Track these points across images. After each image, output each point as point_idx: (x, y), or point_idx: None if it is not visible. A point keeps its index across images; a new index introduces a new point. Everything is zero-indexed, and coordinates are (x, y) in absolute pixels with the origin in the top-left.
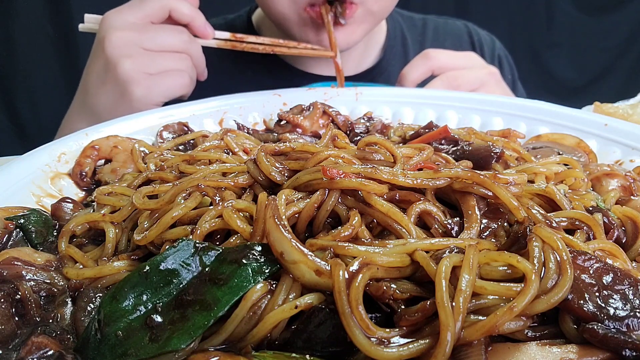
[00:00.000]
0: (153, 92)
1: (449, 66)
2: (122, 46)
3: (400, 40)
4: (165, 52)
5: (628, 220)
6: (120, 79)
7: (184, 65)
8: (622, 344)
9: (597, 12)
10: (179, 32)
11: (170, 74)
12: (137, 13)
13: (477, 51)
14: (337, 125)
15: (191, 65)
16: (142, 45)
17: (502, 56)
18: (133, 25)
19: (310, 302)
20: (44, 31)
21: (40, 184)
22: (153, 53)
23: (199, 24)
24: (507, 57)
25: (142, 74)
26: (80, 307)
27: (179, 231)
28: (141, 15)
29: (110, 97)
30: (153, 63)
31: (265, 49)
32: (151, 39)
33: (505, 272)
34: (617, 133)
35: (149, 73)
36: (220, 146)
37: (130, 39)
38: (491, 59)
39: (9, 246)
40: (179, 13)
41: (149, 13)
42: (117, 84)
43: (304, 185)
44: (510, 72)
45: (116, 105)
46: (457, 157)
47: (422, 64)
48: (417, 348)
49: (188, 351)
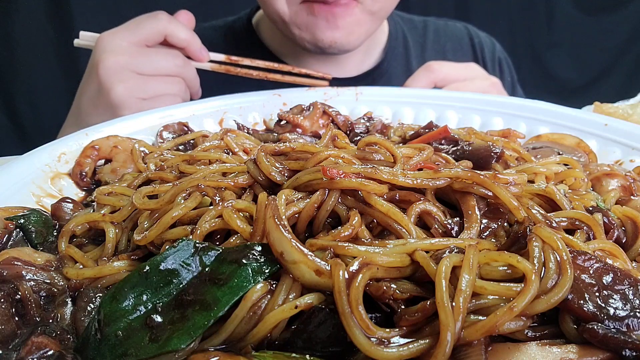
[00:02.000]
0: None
1: (451, 78)
2: (116, 71)
3: (402, 41)
4: (158, 75)
5: (628, 220)
6: (112, 104)
7: (176, 89)
8: (622, 344)
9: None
10: (173, 57)
11: (162, 99)
12: (133, 36)
13: (477, 53)
14: (337, 125)
15: (184, 88)
16: (136, 70)
17: (502, 59)
18: (127, 49)
19: (310, 302)
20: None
21: (40, 184)
22: (146, 77)
23: (194, 49)
24: (507, 60)
25: (134, 99)
26: (80, 307)
27: (179, 231)
28: (136, 39)
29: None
30: (146, 87)
31: (259, 74)
32: (145, 63)
33: (505, 272)
34: (617, 133)
35: (142, 98)
36: (220, 146)
37: (124, 63)
38: (491, 62)
39: (9, 246)
40: (175, 38)
41: (144, 37)
42: (109, 107)
43: (304, 185)
44: (509, 75)
45: None
46: (457, 157)
47: (425, 77)
48: (417, 348)
49: (188, 351)
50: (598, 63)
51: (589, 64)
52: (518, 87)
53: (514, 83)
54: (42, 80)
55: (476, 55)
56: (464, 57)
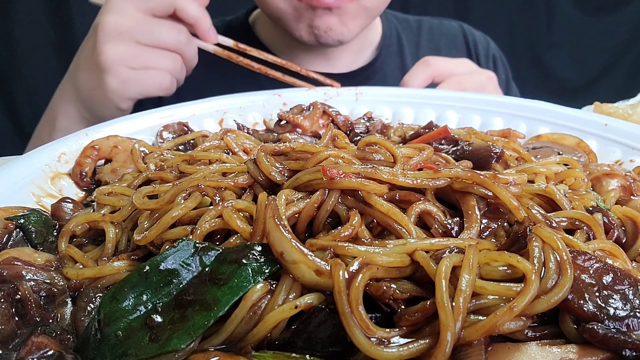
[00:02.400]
0: (128, 87)
1: (448, 72)
2: (113, 34)
3: (395, 40)
4: (156, 48)
5: (628, 220)
6: (99, 67)
7: (171, 65)
8: (622, 344)
9: (597, 12)
10: (178, 32)
11: (151, 73)
12: (142, 2)
13: (471, 51)
14: (337, 125)
15: (180, 66)
16: (135, 37)
17: (497, 56)
18: (132, 15)
19: (310, 302)
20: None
21: (40, 184)
22: (142, 47)
23: (203, 27)
24: (502, 57)
25: (122, 67)
26: (80, 307)
27: (179, 231)
28: (145, 6)
29: (89, 81)
30: (138, 57)
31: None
32: (146, 32)
33: (505, 272)
34: (617, 133)
35: (131, 67)
36: (220, 146)
37: (124, 28)
38: (485, 59)
39: (9, 246)
40: (184, 12)
41: (153, 6)
42: (96, 70)
43: (304, 185)
44: (504, 72)
45: (92, 90)
46: (457, 157)
47: (423, 71)
48: (417, 348)
49: (188, 351)
50: (598, 63)
51: (589, 64)
52: (513, 84)
53: (509, 80)
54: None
55: (470, 53)
56: (458, 54)
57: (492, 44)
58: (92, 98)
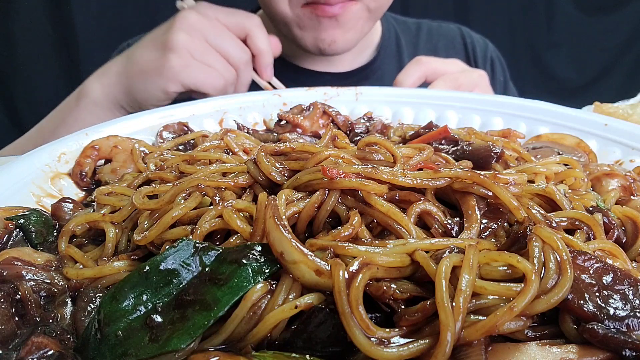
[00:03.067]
0: (185, 71)
1: (441, 71)
2: (190, 26)
3: (394, 41)
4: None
5: (628, 220)
6: (167, 46)
7: (227, 73)
8: (622, 344)
9: (597, 12)
10: (242, 51)
11: (210, 70)
12: (221, 15)
13: (469, 53)
14: (337, 125)
15: (233, 80)
16: (206, 36)
17: (495, 58)
18: (211, 19)
19: (310, 302)
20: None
21: (40, 184)
22: (209, 47)
23: (263, 61)
24: (500, 59)
25: (186, 51)
26: (80, 307)
27: (179, 231)
28: (223, 19)
29: (149, 55)
30: (203, 53)
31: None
32: (217, 36)
33: (505, 272)
34: (617, 133)
35: (193, 56)
36: (220, 146)
37: (201, 26)
38: (483, 61)
39: (9, 246)
40: (253, 40)
41: (230, 21)
42: (162, 47)
43: (304, 185)
44: (502, 74)
45: (150, 62)
46: (457, 157)
47: (415, 70)
48: (417, 348)
49: (188, 351)
50: (598, 63)
51: (589, 64)
52: (510, 85)
53: (507, 82)
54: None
55: (468, 55)
56: (456, 56)
57: (491, 46)
58: (146, 72)
